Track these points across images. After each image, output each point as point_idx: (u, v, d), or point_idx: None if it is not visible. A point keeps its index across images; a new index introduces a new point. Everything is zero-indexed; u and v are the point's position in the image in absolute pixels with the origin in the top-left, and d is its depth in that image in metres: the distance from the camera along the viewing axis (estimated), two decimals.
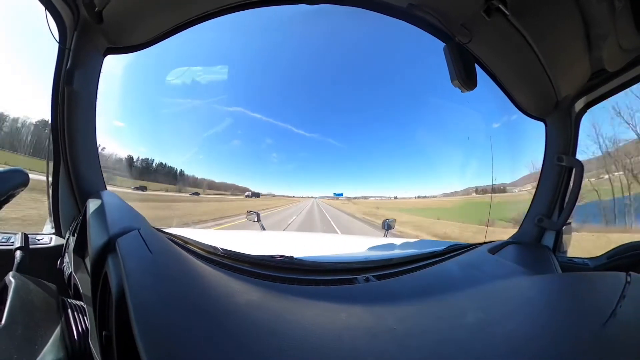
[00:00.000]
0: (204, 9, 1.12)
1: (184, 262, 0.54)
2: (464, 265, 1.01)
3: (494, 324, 0.54)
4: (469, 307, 0.65)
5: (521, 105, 1.42)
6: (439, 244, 1.25)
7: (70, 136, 1.09)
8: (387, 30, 22.05)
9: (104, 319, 0.47)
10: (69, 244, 0.87)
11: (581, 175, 1.32)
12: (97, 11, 1.00)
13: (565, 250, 1.46)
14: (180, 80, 6.43)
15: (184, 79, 6.97)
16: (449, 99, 11.54)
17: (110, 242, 0.49)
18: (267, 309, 0.50)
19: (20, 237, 0.76)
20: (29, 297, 0.55)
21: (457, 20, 1.04)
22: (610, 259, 1.29)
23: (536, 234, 1.43)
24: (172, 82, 4.95)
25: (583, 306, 0.66)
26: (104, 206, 0.68)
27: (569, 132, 1.37)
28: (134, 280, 0.39)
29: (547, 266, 1.17)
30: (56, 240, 1.13)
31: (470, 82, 1.01)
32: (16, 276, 0.58)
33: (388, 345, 0.44)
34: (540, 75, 1.19)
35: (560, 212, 1.37)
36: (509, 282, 0.86)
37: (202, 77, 7.86)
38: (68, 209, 1.14)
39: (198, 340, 0.32)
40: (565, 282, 0.92)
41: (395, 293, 0.74)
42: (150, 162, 17.20)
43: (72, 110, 1.08)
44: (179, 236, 0.96)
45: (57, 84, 1.08)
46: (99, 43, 1.10)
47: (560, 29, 1.02)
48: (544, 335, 0.49)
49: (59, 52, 1.06)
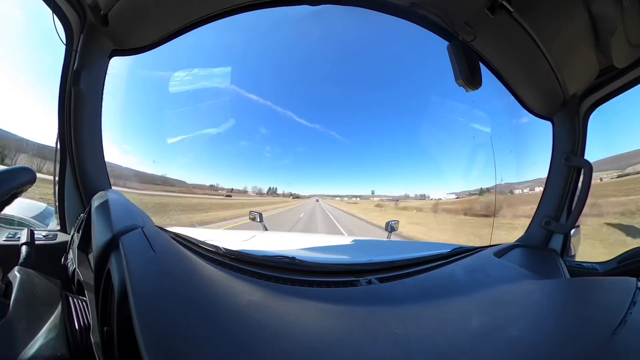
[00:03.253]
0: (207, 12, 1.13)
1: (186, 261, 0.54)
2: (469, 268, 0.99)
3: (498, 329, 0.53)
4: (473, 311, 0.64)
5: (527, 104, 1.40)
6: (444, 247, 1.23)
7: (76, 135, 1.11)
8: (389, 29, 21.99)
9: (106, 315, 0.48)
10: (74, 241, 0.88)
11: (590, 176, 1.28)
12: (103, 14, 1.02)
13: (573, 254, 1.42)
14: (185, 81, 6.42)
15: (188, 80, 6.93)
16: (454, 99, 11.36)
17: (114, 239, 0.49)
18: (268, 310, 0.50)
19: (27, 233, 0.78)
20: (34, 291, 0.56)
21: (460, 18, 1.02)
22: (621, 264, 1.25)
23: (543, 237, 1.40)
24: (176, 82, 5.00)
25: (591, 312, 0.64)
26: (109, 204, 0.69)
27: (577, 131, 1.34)
28: (136, 277, 0.39)
29: (555, 270, 1.15)
30: (61, 236, 1.15)
31: (475, 81, 0.99)
32: (22, 271, 0.59)
33: (389, 348, 0.43)
34: (547, 72, 1.17)
35: (569, 215, 1.34)
36: (514, 287, 0.84)
37: (205, 77, 7.82)
38: (73, 207, 1.16)
39: (198, 339, 0.32)
40: (573, 287, 0.89)
41: (397, 296, 0.73)
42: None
43: (78, 110, 1.10)
44: (182, 235, 0.97)
45: (64, 85, 1.10)
46: (105, 45, 1.12)
47: (566, 24, 1.00)
48: (550, 342, 0.47)
49: (66, 53, 1.08)
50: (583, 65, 1.17)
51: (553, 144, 1.41)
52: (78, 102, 1.09)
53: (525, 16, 0.96)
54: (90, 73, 1.09)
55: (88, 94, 1.10)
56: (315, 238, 2.28)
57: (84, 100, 1.10)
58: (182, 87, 4.88)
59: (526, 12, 0.95)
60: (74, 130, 1.10)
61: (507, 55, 1.18)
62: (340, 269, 0.90)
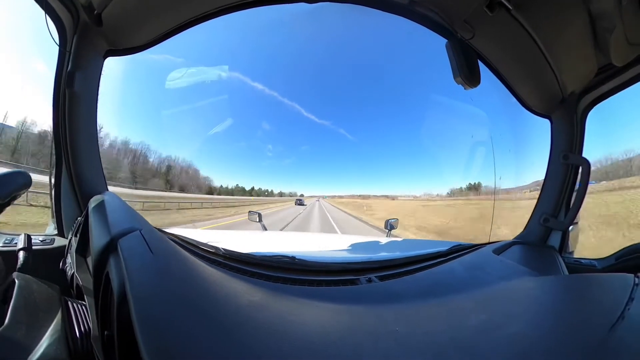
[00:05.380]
0: (202, 10, 1.11)
1: (186, 263, 0.54)
2: (468, 266, 0.99)
3: (498, 326, 0.53)
4: (472, 308, 0.64)
5: (526, 101, 1.40)
6: (443, 244, 1.23)
7: (71, 138, 1.10)
8: (388, 27, 21.86)
9: (105, 319, 0.47)
10: (72, 245, 0.87)
11: (588, 174, 1.29)
12: (96, 14, 1.00)
13: (571, 250, 1.43)
14: (182, 80, 6.38)
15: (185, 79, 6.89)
16: (453, 96, 11.32)
17: (112, 242, 0.49)
18: (269, 310, 0.50)
19: (24, 238, 0.77)
20: (32, 297, 0.55)
21: (459, 15, 1.02)
22: (619, 260, 1.26)
23: (542, 234, 1.40)
24: (174, 82, 4.95)
25: (590, 309, 0.64)
26: (106, 207, 0.68)
27: (575, 129, 1.34)
28: (136, 280, 0.39)
29: (553, 267, 1.15)
30: (59, 241, 1.13)
31: (473, 79, 0.99)
32: (19, 276, 0.59)
33: (390, 346, 0.43)
34: (545, 70, 1.17)
35: (567, 212, 1.35)
36: (513, 284, 0.85)
37: (203, 76, 7.70)
38: (70, 210, 1.14)
39: (199, 341, 0.32)
40: (571, 284, 0.90)
41: (397, 294, 0.74)
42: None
43: (73, 112, 1.08)
44: (180, 236, 0.97)
45: (58, 87, 1.08)
46: (99, 45, 1.11)
47: (564, 22, 1.00)
48: (549, 339, 0.48)
49: (59, 55, 1.06)
50: (582, 63, 1.17)
51: (551, 141, 1.41)
52: (73, 103, 1.07)
53: (523, 14, 0.96)
54: (84, 74, 1.07)
55: (83, 95, 1.08)
56: (314, 237, 2.29)
57: (78, 102, 1.08)
58: (183, 83, 4.80)
59: (525, 9, 0.95)
60: (69, 133, 1.09)
61: (505, 53, 1.18)
62: (340, 267, 0.90)
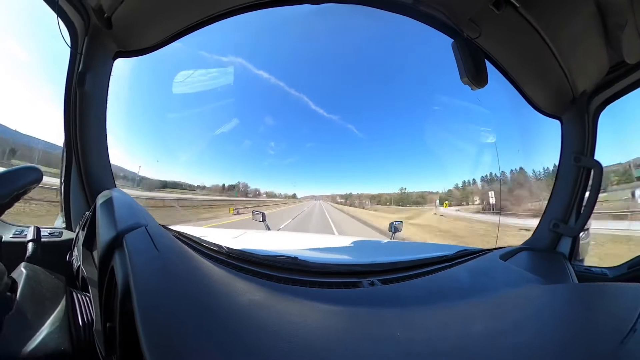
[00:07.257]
0: (210, 12, 1.13)
1: (189, 260, 0.55)
2: (474, 271, 0.97)
3: (503, 334, 0.51)
4: (477, 315, 0.63)
5: (535, 102, 1.36)
6: (448, 249, 1.21)
7: (82, 135, 1.13)
8: (393, 27, 21.76)
9: (108, 311, 0.48)
10: (79, 238, 0.89)
11: (600, 177, 1.24)
12: (107, 17, 1.03)
13: (582, 258, 1.38)
14: (189, 81, 6.50)
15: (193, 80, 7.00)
16: (459, 97, 11.14)
17: (118, 237, 0.50)
18: (270, 310, 0.50)
19: (33, 230, 0.80)
20: (39, 286, 0.57)
21: (464, 14, 1.00)
22: (631, 269, 1.21)
23: (551, 240, 1.36)
24: (181, 82, 5.05)
25: (600, 319, 0.61)
26: (113, 203, 0.70)
27: (586, 131, 1.29)
28: (140, 275, 0.39)
29: (562, 275, 1.12)
30: (66, 234, 1.17)
31: (481, 79, 0.97)
32: (27, 267, 0.61)
33: (390, 351, 0.42)
34: (555, 69, 1.13)
35: (578, 217, 1.30)
36: (520, 291, 0.82)
37: (210, 77, 7.76)
38: (78, 205, 1.18)
39: (199, 337, 0.32)
40: (581, 293, 0.87)
41: (400, 298, 0.73)
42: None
43: (83, 111, 1.12)
44: (185, 234, 0.98)
45: (70, 86, 1.12)
46: (109, 47, 1.14)
47: (574, 19, 0.96)
48: (556, 350, 0.46)
49: (71, 56, 1.10)
50: (592, 61, 1.12)
51: (562, 143, 1.37)
52: (83, 103, 1.11)
53: (531, 11, 0.93)
54: (95, 75, 1.10)
55: (93, 95, 1.11)
56: (317, 238, 2.28)
57: (89, 101, 1.12)
58: (190, 85, 4.85)
59: (532, 6, 0.92)
60: (79, 131, 1.12)
61: (513, 52, 1.15)
62: (343, 269, 0.89)
